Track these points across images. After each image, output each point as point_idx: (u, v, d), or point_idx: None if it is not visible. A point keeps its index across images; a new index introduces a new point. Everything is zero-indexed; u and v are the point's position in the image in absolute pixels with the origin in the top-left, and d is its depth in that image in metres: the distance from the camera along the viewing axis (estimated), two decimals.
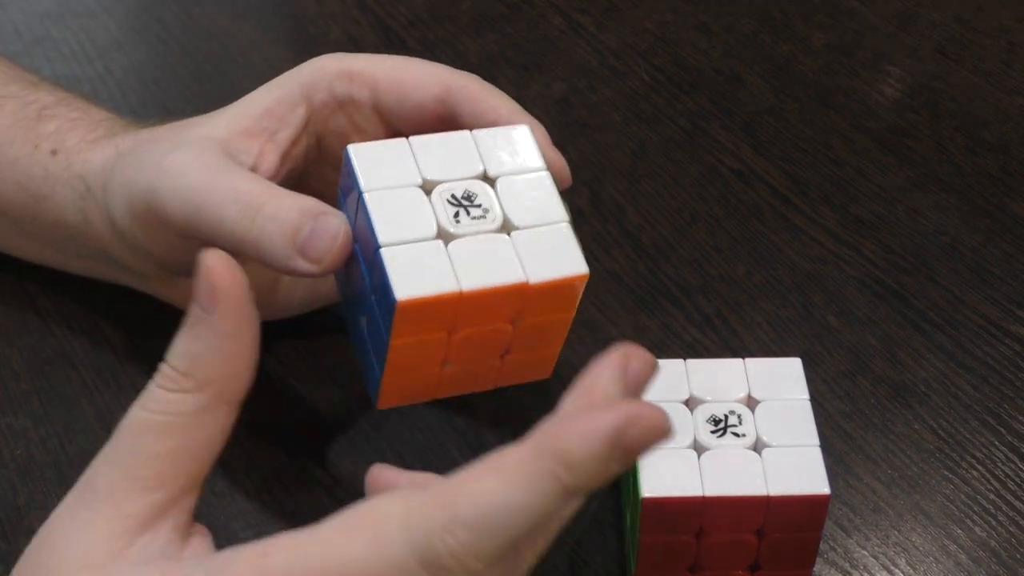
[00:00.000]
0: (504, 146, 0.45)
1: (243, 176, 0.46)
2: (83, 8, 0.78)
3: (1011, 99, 0.72)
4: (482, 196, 0.44)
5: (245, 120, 0.49)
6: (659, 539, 0.46)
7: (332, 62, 0.50)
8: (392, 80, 0.50)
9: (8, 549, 0.50)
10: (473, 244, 0.42)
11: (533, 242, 0.43)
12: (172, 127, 0.51)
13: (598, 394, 0.36)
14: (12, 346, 0.57)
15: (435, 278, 0.41)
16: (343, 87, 0.50)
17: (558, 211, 0.44)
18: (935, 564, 0.51)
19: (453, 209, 0.43)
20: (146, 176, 0.48)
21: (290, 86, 0.50)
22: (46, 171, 0.54)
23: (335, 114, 0.50)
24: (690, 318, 0.59)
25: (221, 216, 0.45)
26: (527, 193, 0.44)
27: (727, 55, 0.75)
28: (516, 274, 0.42)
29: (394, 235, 0.42)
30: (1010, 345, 0.59)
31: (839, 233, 0.64)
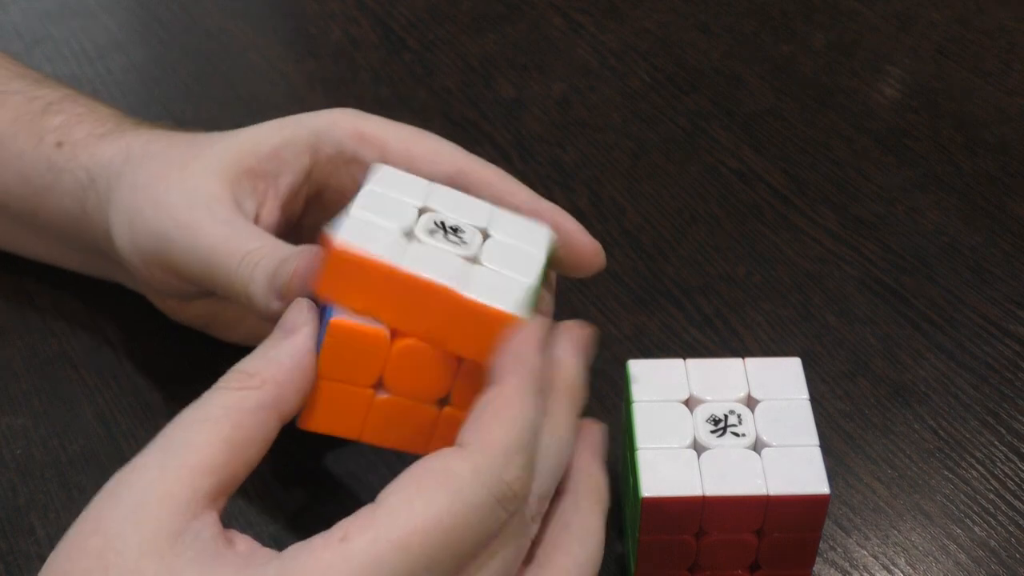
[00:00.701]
0: (518, 225, 0.45)
1: (252, 234, 0.47)
2: (83, 8, 0.78)
3: (1011, 99, 0.72)
4: (469, 234, 0.43)
5: (252, 159, 0.49)
6: (659, 539, 0.46)
7: (346, 118, 0.50)
8: (402, 151, 0.49)
9: (8, 549, 0.50)
10: (432, 251, 0.42)
11: (488, 276, 0.42)
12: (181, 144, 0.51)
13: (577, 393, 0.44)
14: (12, 346, 0.57)
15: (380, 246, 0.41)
16: (352, 146, 0.50)
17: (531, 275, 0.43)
18: (935, 564, 0.51)
19: (433, 228, 0.43)
20: (158, 222, 0.49)
21: (299, 131, 0.50)
22: (50, 162, 0.54)
23: (339, 171, 0.50)
24: (690, 318, 0.59)
25: (229, 277, 0.46)
26: (513, 256, 0.43)
27: (727, 55, 0.75)
28: (452, 282, 0.41)
29: (367, 212, 0.42)
30: (1010, 345, 0.59)
31: (839, 233, 0.64)
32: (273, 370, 0.41)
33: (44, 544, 0.50)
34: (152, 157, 0.51)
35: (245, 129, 0.51)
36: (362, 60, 0.74)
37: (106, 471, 0.52)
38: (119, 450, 0.53)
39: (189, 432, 0.40)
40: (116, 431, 0.54)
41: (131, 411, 0.55)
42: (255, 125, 0.51)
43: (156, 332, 0.58)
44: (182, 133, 0.53)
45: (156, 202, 0.49)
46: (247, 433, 0.40)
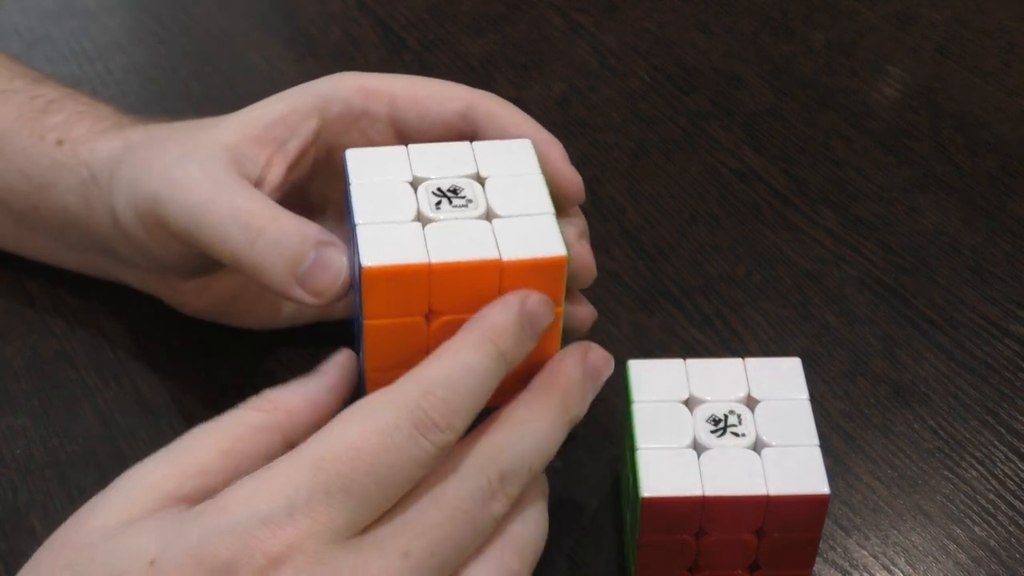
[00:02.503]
0: (502, 153, 0.45)
1: (247, 194, 0.46)
2: (83, 8, 0.78)
3: (1011, 99, 0.72)
4: (468, 190, 0.44)
5: (256, 127, 0.49)
6: (659, 539, 0.46)
7: (349, 78, 0.51)
8: (411, 95, 0.50)
9: (8, 549, 0.50)
10: (450, 226, 0.42)
11: (513, 227, 0.43)
12: (183, 127, 0.51)
13: (562, 375, 0.44)
14: (12, 346, 0.57)
15: (405, 250, 0.41)
16: (359, 101, 0.50)
17: (545, 205, 0.44)
18: (935, 564, 0.51)
19: (436, 199, 0.43)
20: (153, 182, 0.48)
21: (304, 97, 0.50)
22: (51, 160, 0.54)
23: (349, 129, 0.50)
24: (690, 318, 0.59)
25: (222, 235, 0.46)
26: (516, 190, 0.44)
27: (727, 55, 0.75)
28: (489, 251, 0.42)
29: (372, 217, 0.42)
30: (1010, 345, 0.59)
31: (839, 233, 0.64)
32: (290, 400, 0.43)
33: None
34: (154, 140, 0.51)
35: (248, 107, 0.51)
36: (362, 60, 0.74)
37: (106, 471, 0.53)
38: (119, 450, 0.53)
39: (195, 437, 0.42)
40: (116, 431, 0.54)
41: (131, 411, 0.55)
42: (260, 101, 0.51)
43: (157, 332, 0.58)
44: (184, 122, 0.53)
45: (152, 167, 0.49)
46: (247, 448, 0.41)
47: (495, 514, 0.41)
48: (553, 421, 0.43)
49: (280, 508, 0.38)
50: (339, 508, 0.38)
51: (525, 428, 0.42)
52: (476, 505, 0.40)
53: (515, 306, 0.42)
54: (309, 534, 0.38)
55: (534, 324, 0.42)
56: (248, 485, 0.39)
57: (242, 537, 0.37)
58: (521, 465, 0.41)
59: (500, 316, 0.42)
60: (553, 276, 0.42)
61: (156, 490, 0.40)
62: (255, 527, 0.38)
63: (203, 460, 0.41)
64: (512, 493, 0.41)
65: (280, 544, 0.37)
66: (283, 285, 0.45)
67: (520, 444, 0.42)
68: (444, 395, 0.39)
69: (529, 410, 0.42)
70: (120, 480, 0.41)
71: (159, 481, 0.40)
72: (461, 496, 0.40)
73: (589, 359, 0.44)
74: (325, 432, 0.39)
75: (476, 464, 0.41)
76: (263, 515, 0.38)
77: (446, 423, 0.39)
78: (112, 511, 0.40)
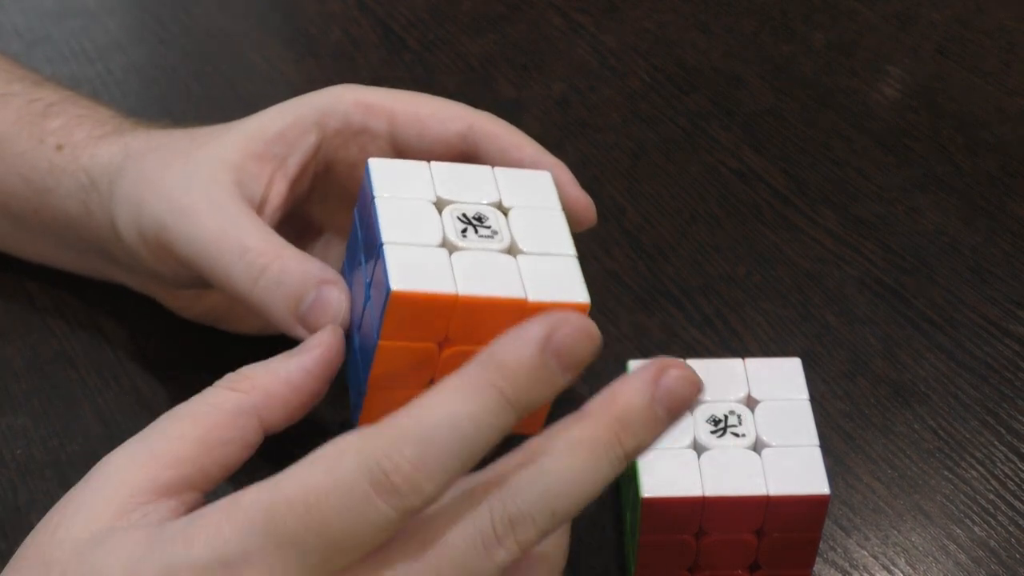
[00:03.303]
0: (523, 184, 0.45)
1: (253, 230, 0.46)
2: (83, 8, 0.78)
3: (1011, 99, 0.72)
4: (493, 219, 0.44)
5: (258, 143, 0.49)
6: (659, 539, 0.46)
7: (350, 92, 0.50)
8: (411, 113, 0.49)
9: (8, 549, 0.50)
10: (476, 257, 0.42)
11: (537, 266, 0.42)
12: (183, 136, 0.51)
13: (620, 402, 0.36)
14: (12, 346, 0.57)
15: (433, 278, 0.41)
16: (359, 117, 0.50)
17: (567, 246, 0.44)
18: (935, 564, 0.51)
19: (462, 226, 0.43)
20: (158, 207, 0.48)
21: (304, 110, 0.50)
22: (51, 164, 0.54)
23: (347, 144, 0.50)
24: (690, 318, 0.59)
25: (228, 272, 0.46)
26: (539, 225, 0.44)
27: (727, 55, 0.75)
28: (515, 290, 0.42)
29: (398, 236, 0.42)
30: (1010, 345, 0.59)
31: (839, 233, 0.64)
32: (266, 379, 0.41)
33: None
34: (154, 150, 0.51)
35: (249, 118, 0.51)
36: (362, 60, 0.74)
37: None
38: None
39: (168, 423, 0.40)
40: (116, 431, 0.54)
41: (131, 411, 0.55)
42: (259, 113, 0.51)
43: (156, 332, 0.58)
44: (185, 129, 0.53)
45: (156, 189, 0.49)
46: (223, 433, 0.40)
47: (498, 563, 0.35)
48: (595, 457, 0.36)
49: (236, 552, 0.35)
50: (291, 561, 0.35)
51: (552, 464, 0.35)
52: (472, 554, 0.35)
53: (535, 341, 0.35)
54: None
55: (564, 358, 0.35)
56: (213, 520, 0.36)
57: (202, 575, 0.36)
58: (540, 508, 0.35)
59: (513, 353, 0.35)
60: None
61: (130, 486, 0.39)
62: (215, 566, 0.36)
63: (178, 449, 0.40)
64: (524, 540, 0.35)
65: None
66: (285, 323, 0.45)
67: (542, 483, 0.35)
68: (413, 454, 0.34)
69: (563, 442, 0.36)
70: (94, 474, 0.40)
71: (133, 476, 0.39)
72: (452, 544, 0.35)
73: (663, 382, 0.37)
74: (287, 476, 0.36)
75: (478, 504, 0.35)
76: (221, 555, 0.36)
77: (409, 487, 0.34)
78: (85, 516, 0.39)
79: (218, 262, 0.46)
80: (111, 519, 0.39)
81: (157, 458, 0.39)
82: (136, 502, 0.39)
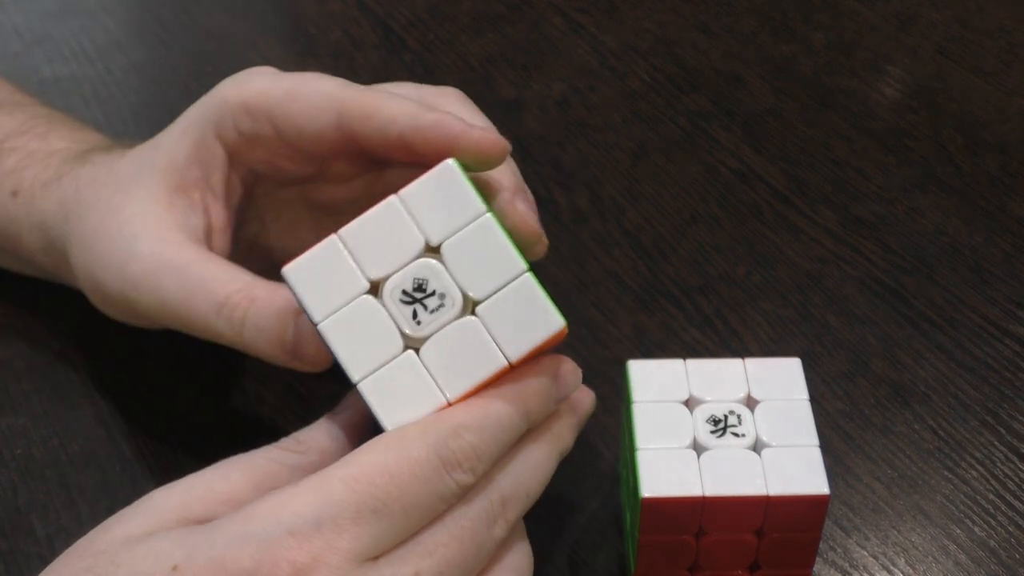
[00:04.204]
0: (435, 197, 0.42)
1: (215, 276, 0.46)
2: (83, 8, 0.78)
3: (1011, 99, 0.72)
4: (433, 279, 0.41)
5: (174, 176, 0.49)
6: (659, 539, 0.46)
7: (233, 93, 0.49)
8: (286, 112, 0.48)
9: (8, 549, 0.50)
10: (441, 342, 0.41)
11: (500, 311, 0.41)
12: (106, 185, 0.50)
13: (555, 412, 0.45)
14: (12, 346, 0.57)
15: (420, 399, 0.41)
16: (247, 124, 0.49)
17: (514, 263, 0.41)
18: (935, 564, 0.51)
19: (409, 309, 0.41)
20: (115, 283, 0.49)
21: (202, 127, 0.49)
22: (9, 214, 0.54)
23: (251, 147, 0.49)
24: (690, 318, 0.59)
25: (209, 328, 0.46)
26: (476, 253, 0.41)
27: (727, 55, 0.75)
28: (495, 359, 0.41)
29: (364, 366, 0.41)
30: (1010, 345, 0.59)
31: (839, 233, 0.64)
32: (319, 439, 0.43)
33: (44, 544, 0.50)
34: (87, 208, 0.50)
35: (156, 142, 0.50)
36: (362, 60, 0.74)
37: (106, 471, 0.53)
38: (119, 450, 0.53)
39: (226, 468, 0.42)
40: (116, 431, 0.54)
41: (131, 411, 0.55)
42: (163, 134, 0.50)
43: (156, 332, 0.57)
44: (108, 162, 0.52)
45: (104, 263, 0.49)
46: (279, 484, 0.41)
47: (496, 537, 0.42)
48: (548, 452, 0.44)
49: (308, 521, 0.38)
50: (366, 528, 0.38)
51: (524, 457, 0.43)
52: (481, 527, 0.41)
53: (550, 373, 0.43)
54: (333, 550, 0.38)
55: (562, 390, 0.44)
56: (274, 499, 0.39)
57: (267, 545, 0.37)
58: (520, 491, 0.42)
59: (535, 381, 0.43)
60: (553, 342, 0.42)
61: (184, 510, 0.40)
62: (281, 536, 0.38)
63: (234, 489, 0.41)
64: (511, 518, 0.42)
65: (306, 555, 0.38)
66: (280, 362, 0.46)
67: (519, 471, 0.43)
68: (472, 440, 0.41)
69: (527, 441, 0.43)
70: (148, 497, 0.41)
71: (188, 502, 0.40)
72: (469, 517, 0.41)
73: (573, 397, 0.45)
74: (357, 454, 0.40)
75: (481, 488, 0.41)
76: (290, 526, 0.38)
77: (470, 466, 0.40)
78: (137, 523, 0.40)
79: (196, 323, 0.47)
80: (166, 525, 0.40)
81: (214, 493, 0.41)
82: (187, 524, 0.40)
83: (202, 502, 0.40)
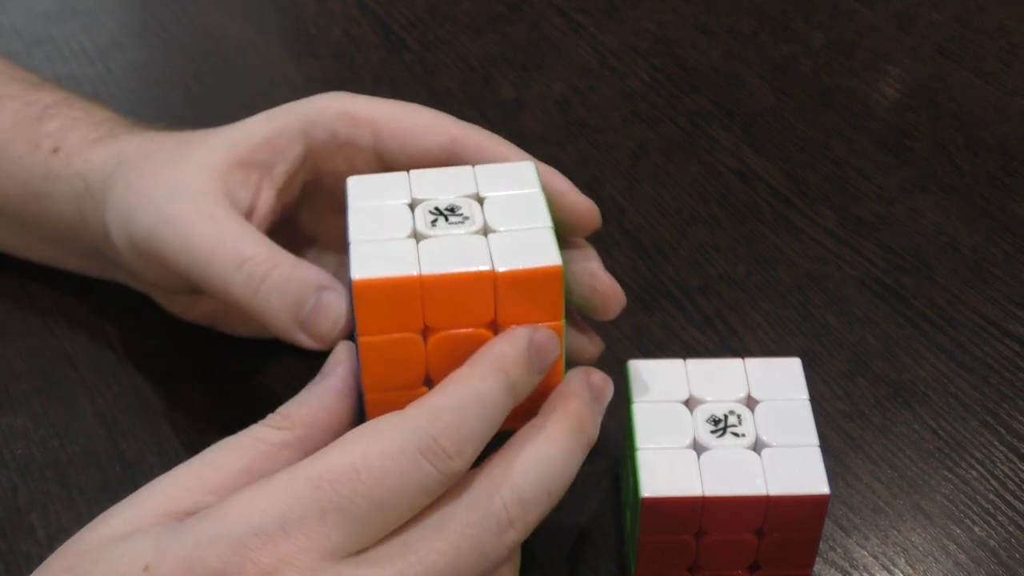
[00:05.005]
0: (503, 175, 0.45)
1: (247, 237, 0.46)
2: (83, 8, 0.78)
3: (1011, 99, 0.72)
4: (466, 208, 0.43)
5: (243, 149, 0.49)
6: (659, 539, 0.46)
7: (336, 102, 0.50)
8: (395, 127, 0.49)
9: (8, 549, 0.50)
10: (443, 241, 0.42)
11: (509, 241, 0.42)
12: (173, 141, 0.51)
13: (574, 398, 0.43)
14: (12, 346, 0.57)
15: (396, 264, 0.41)
16: (345, 129, 0.49)
17: (542, 219, 0.43)
18: (935, 564, 0.51)
19: (432, 217, 0.43)
20: (147, 217, 0.48)
21: (291, 120, 0.50)
22: (47, 168, 0.54)
23: (334, 155, 0.50)
24: (690, 318, 0.59)
25: (225, 281, 0.46)
26: (514, 207, 0.44)
27: (727, 55, 0.75)
28: (482, 263, 0.41)
29: (366, 235, 0.42)
30: (1010, 345, 0.59)
31: (839, 233, 0.64)
32: (304, 412, 0.42)
33: (44, 544, 0.50)
34: (145, 157, 0.51)
35: (237, 123, 0.50)
36: (362, 60, 0.74)
37: (106, 471, 0.53)
38: (119, 450, 0.53)
39: (215, 454, 0.41)
40: (116, 431, 0.54)
41: (131, 411, 0.55)
42: (246, 119, 0.50)
43: (156, 332, 0.58)
44: (176, 132, 0.52)
45: (146, 198, 0.49)
46: (267, 464, 0.41)
47: (508, 543, 0.40)
48: (572, 445, 0.42)
49: (274, 522, 0.38)
50: (334, 528, 0.38)
51: (543, 452, 0.41)
52: (486, 533, 0.39)
53: (523, 339, 0.41)
54: (302, 550, 0.37)
55: (542, 357, 0.42)
56: (246, 496, 0.39)
57: (235, 547, 0.37)
58: (540, 490, 0.40)
59: (509, 347, 0.41)
60: (549, 287, 0.42)
61: (174, 503, 0.40)
62: (248, 538, 0.37)
63: (223, 478, 0.41)
64: (531, 520, 0.40)
65: (271, 557, 0.37)
66: (286, 330, 0.45)
67: (539, 468, 0.41)
68: (453, 420, 0.39)
69: (546, 434, 0.42)
70: (137, 493, 0.41)
71: (177, 495, 0.40)
72: (469, 523, 0.39)
73: (593, 382, 0.44)
74: (328, 451, 0.39)
75: (489, 490, 0.40)
76: (257, 527, 0.38)
77: (455, 449, 0.39)
78: (123, 520, 0.40)
79: (214, 272, 0.46)
80: (151, 524, 0.39)
81: (204, 483, 0.40)
82: (176, 518, 0.40)
83: (191, 493, 0.40)
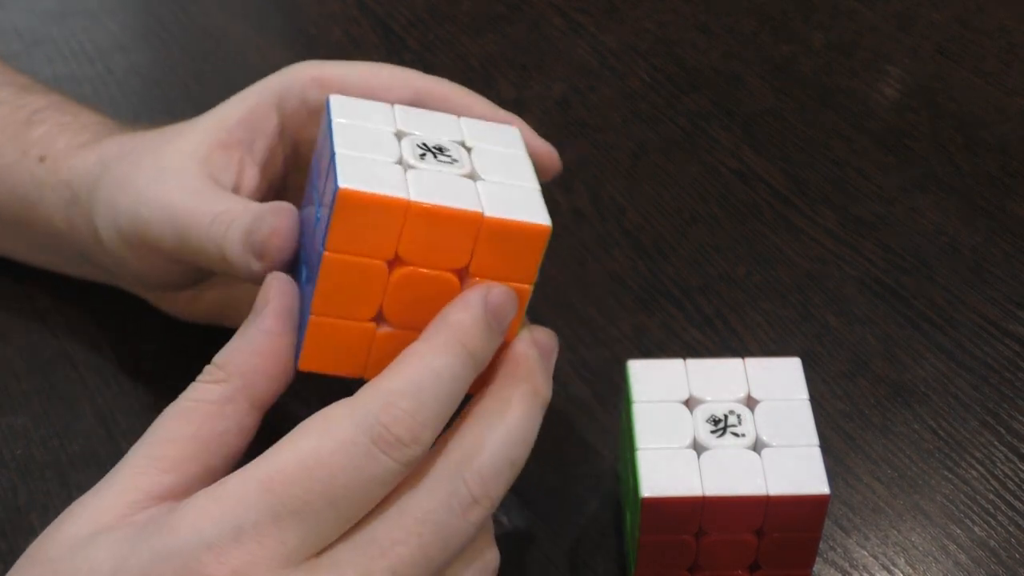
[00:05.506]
0: (489, 131, 0.45)
1: (223, 198, 0.46)
2: (84, 8, 0.78)
3: (1011, 99, 0.72)
4: (454, 151, 0.42)
5: (221, 133, 0.49)
6: (659, 539, 0.46)
7: (304, 69, 0.50)
8: (363, 87, 0.48)
9: (8, 549, 0.50)
10: (433, 175, 0.41)
11: (498, 190, 0.41)
12: (154, 137, 0.51)
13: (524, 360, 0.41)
14: (12, 346, 0.57)
15: (386, 184, 0.39)
16: (315, 95, 0.49)
17: (531, 182, 0.42)
18: (935, 564, 0.51)
19: (421, 151, 0.41)
20: (131, 202, 0.48)
21: (263, 94, 0.50)
22: (34, 177, 0.53)
23: (308, 122, 0.50)
24: (690, 318, 0.59)
25: (201, 239, 0.45)
26: (502, 163, 0.43)
27: (727, 55, 0.75)
28: (472, 203, 0.40)
29: (353, 150, 0.40)
30: (1010, 345, 0.59)
31: (839, 233, 0.64)
32: (238, 359, 0.40)
33: None
34: (126, 154, 0.51)
35: (212, 110, 0.50)
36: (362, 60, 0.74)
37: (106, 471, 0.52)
38: (119, 450, 0.53)
39: (161, 427, 0.40)
40: (116, 431, 0.54)
41: (131, 411, 0.55)
42: (221, 103, 0.50)
43: (156, 332, 0.58)
44: (156, 128, 0.52)
45: (129, 188, 0.49)
46: (215, 425, 0.40)
47: (474, 521, 0.38)
48: (527, 410, 0.40)
49: (226, 532, 0.36)
50: (289, 532, 0.36)
51: (500, 423, 0.39)
52: (449, 516, 0.38)
53: (478, 302, 0.39)
54: (256, 559, 0.36)
55: (500, 319, 0.40)
56: (198, 504, 0.37)
57: (187, 561, 0.36)
58: (502, 462, 0.39)
59: (464, 314, 0.39)
60: (531, 246, 0.40)
61: (132, 492, 0.39)
62: (200, 551, 0.36)
63: (174, 452, 0.39)
64: (494, 495, 0.39)
65: (225, 570, 0.36)
66: (240, 260, 0.43)
67: (497, 441, 0.39)
68: (408, 406, 0.37)
69: (500, 403, 0.40)
70: (100, 483, 0.40)
71: (135, 483, 0.39)
72: (430, 508, 0.38)
73: (539, 340, 0.42)
74: (278, 449, 0.37)
75: (448, 469, 0.38)
76: (209, 539, 0.36)
77: (411, 437, 0.37)
78: (86, 518, 0.39)
79: (192, 234, 0.45)
80: (113, 521, 0.39)
81: (156, 462, 0.39)
82: (136, 507, 0.39)
83: (148, 477, 0.39)
